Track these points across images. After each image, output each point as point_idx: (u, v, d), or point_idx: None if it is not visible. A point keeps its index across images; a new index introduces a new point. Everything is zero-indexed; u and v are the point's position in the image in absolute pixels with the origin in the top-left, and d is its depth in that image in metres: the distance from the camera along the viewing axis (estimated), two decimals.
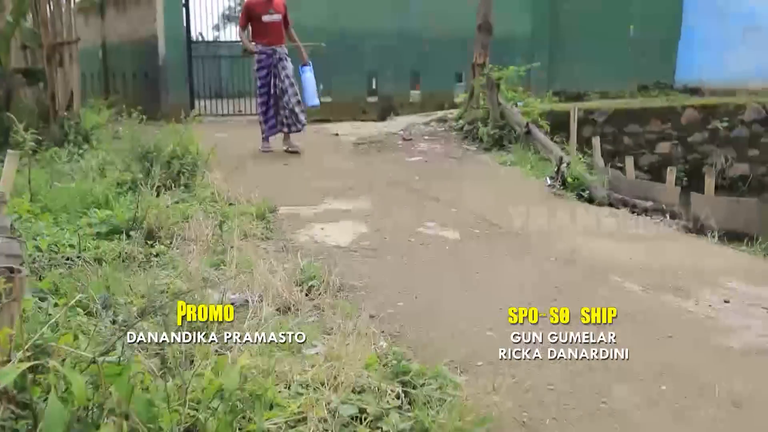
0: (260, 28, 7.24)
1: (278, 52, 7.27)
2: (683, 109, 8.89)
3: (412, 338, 2.77)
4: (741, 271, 3.93)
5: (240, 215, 4.56)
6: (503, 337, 2.78)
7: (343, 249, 4.04)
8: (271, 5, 7.19)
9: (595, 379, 2.44)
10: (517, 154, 7.43)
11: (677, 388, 2.37)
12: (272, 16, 7.20)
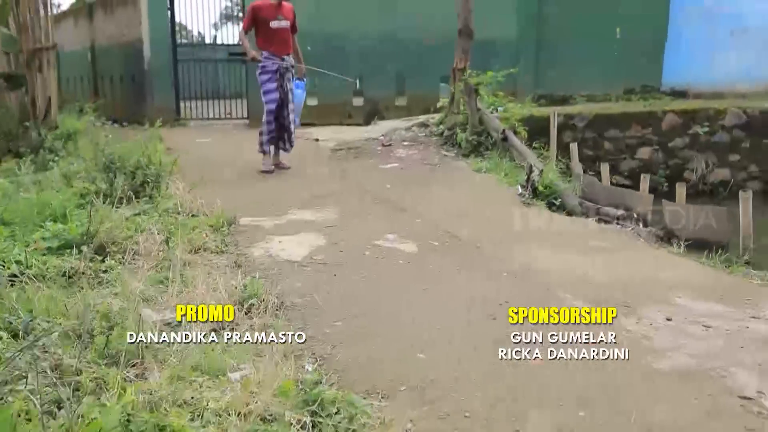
0: (267, 34, 6.76)
1: (286, 61, 6.85)
2: (664, 114, 8.86)
3: (341, 361, 2.76)
4: (694, 285, 3.92)
5: (197, 228, 4.56)
6: (433, 359, 2.79)
7: (295, 264, 4.02)
8: (280, 11, 6.73)
9: (514, 404, 2.42)
10: (493, 161, 7.42)
11: (595, 415, 2.36)
12: (281, 22, 6.73)
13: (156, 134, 9.82)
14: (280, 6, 6.74)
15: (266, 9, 6.70)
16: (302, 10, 11.21)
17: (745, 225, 5.62)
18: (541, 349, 2.70)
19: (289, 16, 6.83)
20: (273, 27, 6.71)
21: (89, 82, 14.69)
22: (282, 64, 6.78)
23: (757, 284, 4.13)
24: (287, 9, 6.84)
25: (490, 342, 2.87)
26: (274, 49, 6.78)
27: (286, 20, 6.77)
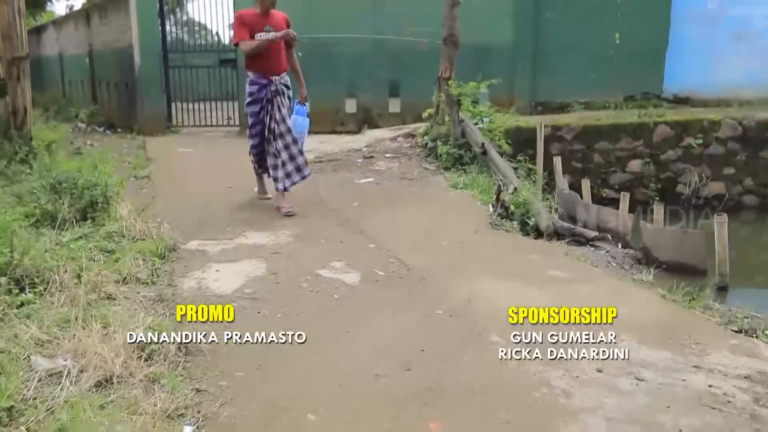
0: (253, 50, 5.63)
1: (275, 82, 5.65)
2: (655, 125, 8.55)
3: (225, 423, 2.57)
4: (644, 324, 3.69)
5: (135, 254, 4.40)
6: (325, 422, 2.59)
7: (223, 298, 3.84)
8: (267, 20, 5.56)
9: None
10: (471, 176, 7.19)
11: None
12: (269, 35, 5.54)
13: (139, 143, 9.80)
14: (267, 15, 5.57)
15: (250, 19, 5.57)
16: (291, 15, 11.08)
17: (721, 250, 5.35)
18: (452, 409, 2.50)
19: (280, 25, 5.61)
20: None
21: (89, 86, 14.65)
22: (270, 87, 5.65)
23: (715, 323, 3.88)
24: (278, 18, 5.65)
25: (391, 402, 2.67)
26: (261, 68, 5.63)
27: (276, 31, 5.59)
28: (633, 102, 11.54)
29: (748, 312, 4.15)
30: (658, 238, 5.94)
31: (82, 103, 14.50)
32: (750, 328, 3.80)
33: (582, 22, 11.47)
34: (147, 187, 7.18)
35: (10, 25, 8.13)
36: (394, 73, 11.47)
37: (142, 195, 6.60)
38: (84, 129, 11.57)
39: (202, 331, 3.22)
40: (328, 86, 11.37)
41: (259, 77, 5.69)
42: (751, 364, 3.25)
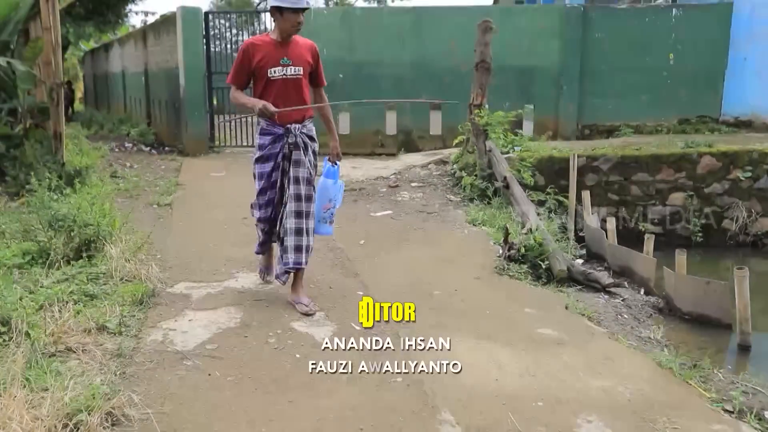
0: (265, 89, 4.25)
1: (294, 132, 4.26)
2: (699, 156, 8.02)
3: None
4: (621, 402, 3.37)
5: (113, 299, 4.37)
6: None
7: (182, 354, 3.74)
8: (286, 51, 4.23)
9: None
10: (491, 211, 6.91)
11: None
12: (287, 69, 4.21)
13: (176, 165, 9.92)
14: (286, 44, 4.23)
15: (264, 49, 4.21)
16: (333, 37, 11.12)
17: (741, 307, 4.90)
18: None
19: (303, 57, 4.28)
20: (274, 78, 4.20)
21: (144, 104, 15.06)
22: (288, 139, 4.27)
23: (707, 399, 3.52)
24: (301, 48, 4.30)
25: None
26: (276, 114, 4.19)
27: (297, 66, 4.24)
28: (688, 125, 10.99)
29: (750, 385, 3.78)
30: (680, 287, 5.55)
31: (139, 120, 14.93)
32: (746, 407, 3.43)
33: (633, 42, 11.03)
34: (165, 216, 7.23)
35: (51, 52, 8.39)
36: (434, 95, 11.24)
37: (156, 225, 6.62)
38: (130, 149, 11.84)
39: (143, 400, 3.13)
40: (369, 109, 11.29)
41: (272, 125, 4.26)
42: None
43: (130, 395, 3.14)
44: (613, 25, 11.08)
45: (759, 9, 10.91)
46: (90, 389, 3.12)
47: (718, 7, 10.92)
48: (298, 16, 4.18)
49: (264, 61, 4.21)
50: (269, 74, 4.23)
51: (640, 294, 5.97)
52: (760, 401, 3.59)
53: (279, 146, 4.30)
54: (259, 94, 4.31)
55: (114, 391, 3.15)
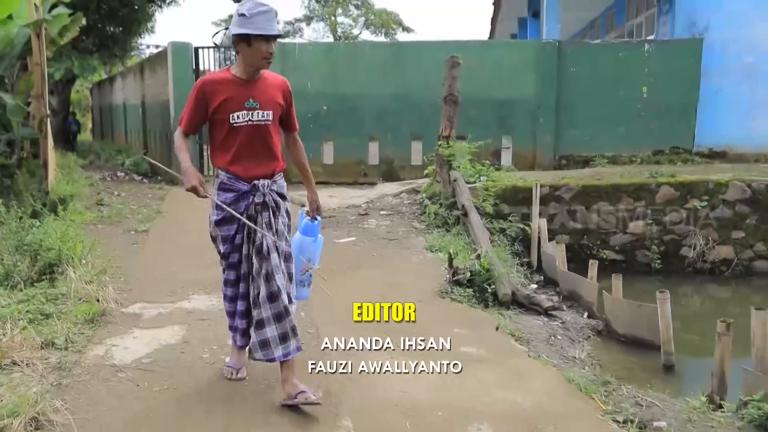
0: (227, 139, 3.45)
1: (262, 189, 3.47)
2: (658, 186, 8.28)
3: None
4: (516, 412, 3.62)
5: (66, 318, 4.68)
6: None
7: (118, 367, 4.03)
8: (252, 90, 3.43)
9: None
10: (449, 238, 7.20)
11: None
12: (253, 113, 3.41)
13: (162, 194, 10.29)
14: (252, 82, 3.43)
15: (225, 89, 3.38)
16: (317, 71, 11.53)
17: (664, 329, 5.14)
18: None
19: (273, 99, 3.50)
20: (237, 124, 3.40)
21: (140, 134, 15.53)
22: (254, 198, 3.46)
23: (602, 411, 3.76)
24: (270, 87, 3.51)
25: None
26: (238, 167, 3.46)
27: (265, 109, 3.45)
28: (662, 156, 11.27)
29: (649, 399, 4.02)
30: (616, 310, 5.81)
31: (137, 150, 15.40)
32: (633, 417, 3.67)
33: (607, 76, 11.36)
34: (140, 241, 7.57)
35: (40, 86, 8.83)
36: (415, 126, 11.61)
37: (128, 250, 6.96)
38: (122, 178, 12.25)
39: (70, 407, 3.42)
40: (352, 139, 11.66)
41: (234, 179, 3.46)
42: None
43: (56, 403, 3.43)
44: (588, 60, 11.42)
45: (730, 44, 11.25)
46: (20, 398, 3.42)
47: (689, 43, 11.25)
48: (270, 45, 3.35)
49: (225, 105, 3.36)
50: (231, 120, 3.37)
51: (583, 317, 6.23)
52: (652, 413, 3.83)
53: (243, 206, 3.45)
54: (218, 144, 3.48)
55: (41, 399, 3.43)
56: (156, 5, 19.78)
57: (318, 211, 3.89)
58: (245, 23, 3.30)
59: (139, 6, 18.43)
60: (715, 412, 3.94)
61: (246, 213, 3.48)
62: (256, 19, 3.30)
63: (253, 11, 3.30)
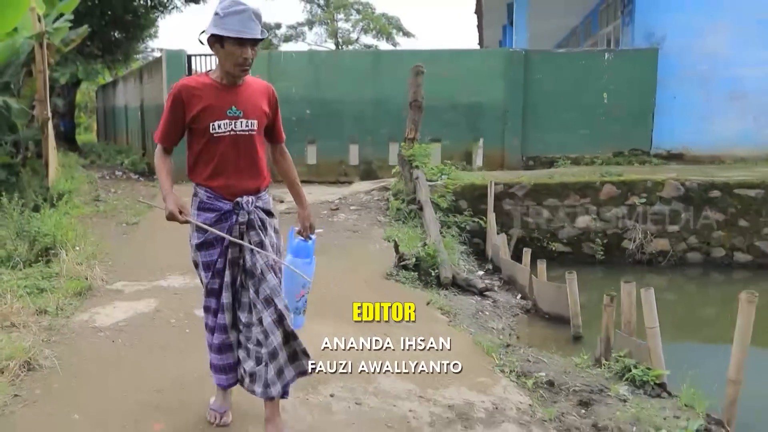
0: (205, 151, 3.14)
1: (246, 207, 3.14)
2: (602, 184, 9.10)
3: (28, 416, 3.56)
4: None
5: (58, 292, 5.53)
6: (87, 419, 3.53)
7: (98, 328, 4.87)
8: (235, 96, 3.09)
9: None
10: (406, 230, 8.02)
11: None
12: (236, 122, 3.08)
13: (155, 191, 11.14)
14: (235, 88, 3.11)
15: (203, 95, 3.05)
16: (301, 77, 12.40)
17: (572, 304, 5.96)
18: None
19: (257, 106, 3.17)
20: (218, 134, 3.08)
21: (140, 136, 16.41)
22: (238, 217, 3.13)
23: (494, 365, 4.56)
24: (255, 93, 3.19)
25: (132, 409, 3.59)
26: (219, 183, 3.15)
27: (250, 118, 3.12)
28: (621, 157, 12.05)
29: (539, 357, 4.84)
30: (541, 291, 6.62)
31: (137, 151, 16.28)
32: (515, 369, 4.48)
33: (570, 82, 12.15)
34: (130, 232, 8.43)
35: (43, 91, 9.70)
36: (392, 129, 12.43)
37: (118, 239, 7.82)
38: (119, 176, 13.13)
39: (58, 354, 4.27)
40: (334, 141, 12.50)
41: (214, 197, 3.16)
42: (468, 396, 3.98)
43: (45, 352, 4.28)
44: (552, 68, 12.24)
45: (685, 53, 12.05)
46: (16, 347, 4.27)
47: (646, 53, 12.05)
48: (245, 49, 2.97)
49: (204, 113, 3.03)
50: (212, 130, 3.04)
51: (516, 298, 7.05)
52: (539, 367, 4.64)
53: (227, 226, 3.12)
54: (196, 157, 3.17)
55: (33, 349, 4.28)
56: (158, 11, 20.55)
57: (311, 229, 3.53)
58: (218, 23, 2.93)
59: (142, 12, 19.32)
60: (596, 368, 4.76)
61: (230, 229, 3.12)
62: (229, 19, 2.91)
63: (228, 10, 2.92)
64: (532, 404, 3.98)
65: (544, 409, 3.92)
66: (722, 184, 8.92)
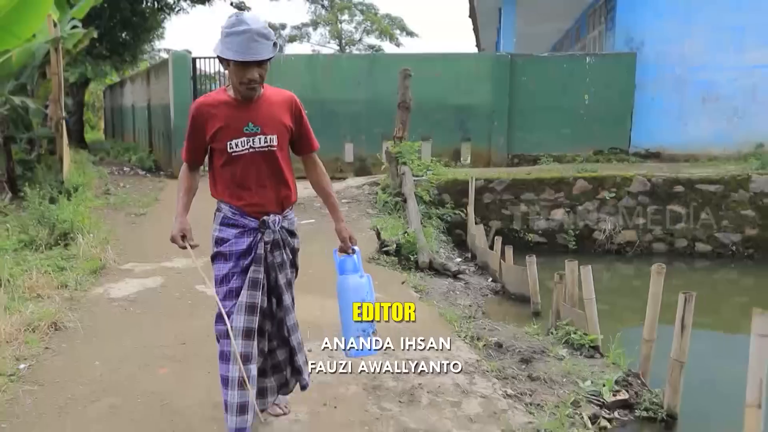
0: (225, 170, 3.04)
1: (272, 226, 3.05)
2: (575, 180, 9.82)
3: (48, 363, 4.30)
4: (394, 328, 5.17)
5: (77, 270, 6.28)
6: (106, 366, 4.28)
7: (112, 299, 5.64)
8: (251, 114, 2.97)
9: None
10: (391, 220, 8.75)
11: None
12: (254, 139, 2.97)
13: (162, 186, 11.91)
14: (252, 103, 2.99)
15: (220, 113, 2.98)
16: (300, 80, 13.15)
17: (531, 285, 6.69)
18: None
19: (277, 119, 3.03)
20: (236, 153, 2.98)
21: (147, 134, 17.18)
22: (263, 236, 3.04)
23: (454, 331, 5.29)
24: (274, 106, 3.04)
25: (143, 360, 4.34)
26: (242, 202, 3.05)
27: (269, 133, 3.00)
28: (601, 156, 12.76)
29: (495, 325, 5.57)
30: (508, 274, 7.34)
31: (144, 148, 17.05)
32: (475, 336, 5.21)
33: (553, 85, 12.87)
34: (138, 222, 9.19)
35: (57, 92, 10.45)
36: (385, 129, 13.14)
37: (127, 227, 8.58)
38: (127, 172, 13.90)
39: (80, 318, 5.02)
40: (331, 139, 13.23)
41: (239, 214, 3.05)
42: (426, 353, 4.69)
43: (69, 315, 5.04)
44: (536, 71, 12.96)
45: (662, 58, 12.76)
46: (44, 311, 5.03)
47: (624, 57, 12.75)
48: (249, 71, 2.87)
49: (222, 132, 2.95)
50: (229, 149, 2.95)
51: (487, 281, 7.78)
52: (493, 333, 5.37)
53: (247, 243, 3.02)
54: (218, 173, 3.06)
55: (58, 313, 5.03)
56: (165, 13, 21.25)
57: (351, 240, 3.37)
58: (223, 42, 2.84)
59: (149, 14, 20.05)
60: (546, 336, 5.50)
61: (255, 252, 3.01)
62: (231, 40, 2.80)
63: (230, 30, 2.81)
64: (479, 360, 4.70)
65: (489, 363, 4.65)
66: (685, 180, 9.63)
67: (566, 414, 3.96)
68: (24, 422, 3.49)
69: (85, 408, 3.67)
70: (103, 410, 3.66)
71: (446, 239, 9.14)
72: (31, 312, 4.97)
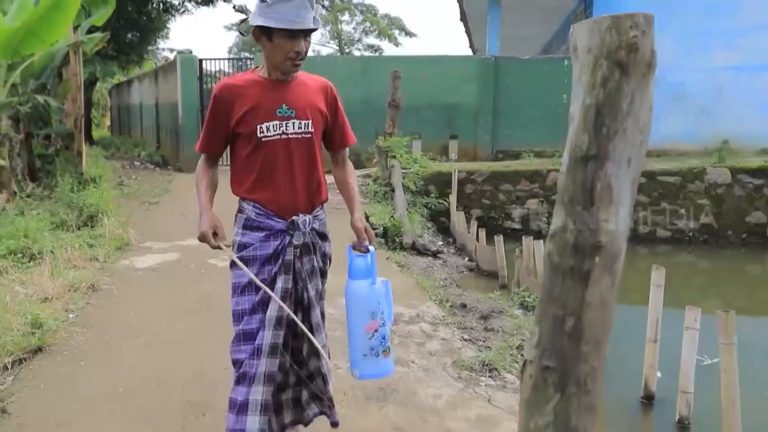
0: (252, 158, 2.67)
1: (301, 227, 2.73)
2: (548, 172, 10.80)
3: (92, 315, 5.28)
4: None
5: (105, 246, 7.26)
6: (141, 317, 5.26)
7: (137, 269, 6.62)
8: (285, 96, 2.66)
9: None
10: (380, 207, 9.73)
11: None
12: (288, 123, 2.65)
13: (171, 178, 12.89)
14: (286, 84, 2.68)
15: (250, 93, 2.65)
16: None
17: (500, 260, 7.68)
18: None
19: (313, 104, 2.73)
20: (267, 138, 2.64)
21: (155, 131, 18.16)
22: (292, 238, 2.70)
23: (428, 296, 6.27)
24: (309, 89, 2.76)
25: (171, 314, 5.33)
26: (268, 197, 2.70)
27: (304, 118, 2.69)
28: None
29: (467, 294, 6.55)
30: (481, 253, 8.32)
31: (151, 144, 18.03)
32: (444, 299, 6.19)
33: (534, 85, 13.85)
34: (152, 209, 10.18)
35: (76, 91, 11.42)
36: (378, 126, 14.11)
37: (143, 214, 9.56)
38: (138, 166, 14.90)
39: (112, 282, 6.01)
40: None
41: (264, 214, 2.70)
42: (400, 309, 5.67)
43: (104, 278, 6.03)
44: (519, 72, 13.95)
45: None
46: (83, 276, 6.01)
47: None
48: (297, 42, 2.55)
49: (251, 114, 2.62)
50: (259, 134, 2.62)
51: (464, 260, 8.76)
52: (461, 299, 6.34)
53: (274, 247, 2.68)
54: (241, 165, 2.72)
55: (94, 277, 6.02)
56: (170, 15, 22.17)
57: (368, 233, 2.89)
58: (265, 12, 2.49)
59: (155, 15, 20.99)
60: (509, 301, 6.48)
61: (282, 257, 2.66)
62: (278, 7, 2.47)
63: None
64: (444, 315, 5.67)
65: (452, 317, 5.63)
66: (648, 172, 10.60)
67: (510, 353, 4.94)
68: (80, 350, 4.49)
69: (126, 342, 4.66)
70: (138, 346, 4.64)
71: (431, 225, 10.11)
72: (72, 277, 5.96)
